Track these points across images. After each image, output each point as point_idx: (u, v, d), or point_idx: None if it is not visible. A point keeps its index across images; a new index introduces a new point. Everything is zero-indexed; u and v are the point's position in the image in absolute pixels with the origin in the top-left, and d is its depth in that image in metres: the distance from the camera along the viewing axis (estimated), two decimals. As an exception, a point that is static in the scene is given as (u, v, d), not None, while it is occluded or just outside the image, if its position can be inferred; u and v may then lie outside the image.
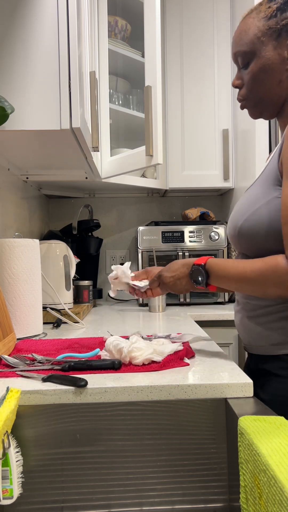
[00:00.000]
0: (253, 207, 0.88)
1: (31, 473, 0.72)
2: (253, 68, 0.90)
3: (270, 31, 0.87)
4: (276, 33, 0.87)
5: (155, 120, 1.43)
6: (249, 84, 0.92)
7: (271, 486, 0.47)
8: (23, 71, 1.13)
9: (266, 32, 0.88)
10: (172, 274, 0.96)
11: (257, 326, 0.93)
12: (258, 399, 0.75)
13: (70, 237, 2.08)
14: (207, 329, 1.75)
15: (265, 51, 0.88)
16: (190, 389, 0.73)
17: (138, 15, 1.96)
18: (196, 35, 2.14)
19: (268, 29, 0.88)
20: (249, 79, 0.92)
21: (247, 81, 0.92)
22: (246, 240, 0.89)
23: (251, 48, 0.90)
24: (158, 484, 0.73)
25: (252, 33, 0.89)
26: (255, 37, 0.89)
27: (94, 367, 0.82)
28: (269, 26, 0.88)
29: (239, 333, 1.01)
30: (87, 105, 1.38)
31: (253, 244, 0.88)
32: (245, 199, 0.92)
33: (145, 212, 2.46)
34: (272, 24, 0.87)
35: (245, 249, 0.91)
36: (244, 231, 0.88)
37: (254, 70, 0.90)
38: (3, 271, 1.16)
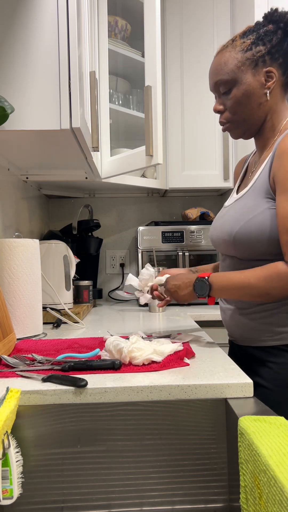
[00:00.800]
0: (247, 217, 0.99)
1: (31, 473, 0.72)
2: (236, 93, 1.01)
3: (248, 62, 1.00)
4: (254, 63, 1.00)
5: (155, 120, 1.43)
6: (232, 107, 1.03)
7: (271, 486, 0.47)
8: (23, 71, 1.13)
9: (245, 62, 1.00)
10: (176, 283, 1.07)
11: (250, 321, 1.04)
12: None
13: (70, 237, 2.08)
14: (207, 329, 1.75)
15: (246, 78, 1.00)
16: (190, 389, 0.73)
17: (138, 15, 1.96)
18: (196, 35, 2.14)
19: (246, 60, 1.00)
20: (233, 103, 1.02)
21: (231, 105, 1.03)
22: (242, 245, 1.00)
23: (232, 77, 1.01)
24: (158, 484, 0.73)
25: (232, 63, 1.01)
26: (235, 66, 1.01)
27: (94, 367, 0.82)
28: (246, 58, 1.00)
29: (227, 327, 1.13)
30: (87, 105, 1.38)
31: (249, 248, 0.99)
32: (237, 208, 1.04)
33: (145, 212, 2.46)
34: (249, 56, 1.00)
35: (239, 253, 1.02)
36: (240, 237, 0.99)
37: (237, 95, 1.01)
38: (3, 271, 1.16)
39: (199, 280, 1.01)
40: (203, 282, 1.01)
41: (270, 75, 1.00)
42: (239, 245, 1.00)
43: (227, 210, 1.09)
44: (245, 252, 1.00)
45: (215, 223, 1.13)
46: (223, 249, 1.07)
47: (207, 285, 1.00)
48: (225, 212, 1.10)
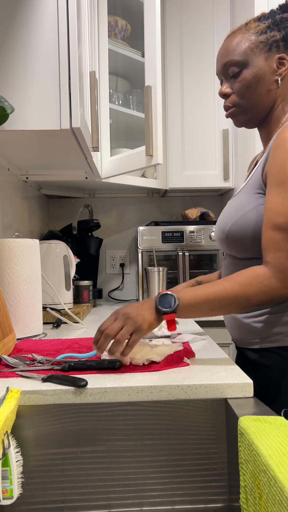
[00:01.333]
0: (240, 213, 0.96)
1: (31, 473, 0.72)
2: (246, 76, 0.97)
3: (262, 45, 0.97)
4: (267, 47, 0.97)
5: (155, 120, 1.43)
6: (241, 91, 0.99)
7: (271, 486, 0.47)
8: (23, 71, 1.13)
9: (258, 45, 0.97)
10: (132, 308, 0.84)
11: (244, 322, 1.00)
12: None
13: (70, 237, 2.08)
14: (207, 329, 1.75)
15: (257, 61, 0.97)
16: (190, 389, 0.73)
17: (138, 15, 1.96)
18: (196, 35, 2.14)
19: (260, 43, 0.97)
20: (241, 86, 0.98)
21: (239, 88, 0.99)
22: (234, 242, 0.97)
23: (244, 58, 0.97)
24: (158, 484, 0.73)
25: (245, 45, 0.97)
26: (248, 48, 0.97)
27: (94, 367, 0.82)
28: (260, 41, 0.97)
29: (228, 330, 1.09)
30: (87, 105, 1.38)
31: (241, 246, 0.96)
32: (232, 204, 1.00)
33: (145, 212, 2.46)
34: (263, 39, 0.97)
35: (233, 251, 0.99)
36: (232, 234, 0.96)
37: (247, 78, 0.97)
38: (3, 271, 1.16)
39: (163, 294, 0.84)
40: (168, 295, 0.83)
41: (283, 62, 0.97)
42: (232, 243, 0.97)
43: (226, 207, 1.06)
44: (239, 251, 0.97)
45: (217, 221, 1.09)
46: (221, 247, 1.05)
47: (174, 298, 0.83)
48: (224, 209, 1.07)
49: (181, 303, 0.83)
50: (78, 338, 1.16)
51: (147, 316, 0.83)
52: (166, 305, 0.83)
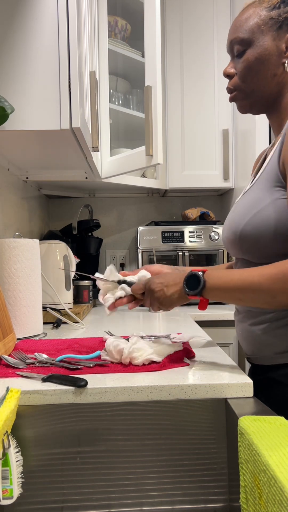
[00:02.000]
0: (254, 210, 0.84)
1: (31, 473, 0.72)
2: (249, 56, 0.87)
3: (272, 22, 0.86)
4: (277, 25, 0.85)
5: (155, 120, 1.43)
6: (242, 73, 0.89)
7: (271, 486, 0.47)
8: (23, 71, 1.13)
9: (268, 22, 0.86)
10: (162, 281, 0.86)
11: (261, 334, 0.88)
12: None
13: (70, 237, 2.08)
14: (207, 329, 1.75)
15: (264, 40, 0.86)
16: (190, 389, 0.73)
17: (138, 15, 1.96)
18: (196, 35, 2.14)
19: (270, 19, 0.86)
20: (243, 67, 0.88)
21: (241, 69, 0.89)
22: (249, 243, 0.84)
23: (249, 36, 0.87)
24: (158, 484, 0.73)
25: (253, 21, 0.87)
26: (255, 25, 0.86)
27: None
28: (271, 17, 0.86)
29: (241, 343, 0.97)
30: (87, 105, 1.38)
31: (257, 247, 0.84)
32: (244, 202, 0.89)
33: (145, 212, 2.46)
34: (274, 15, 0.85)
35: (247, 254, 0.87)
36: (246, 234, 0.84)
37: (250, 58, 0.87)
38: (3, 271, 1.16)
39: (191, 275, 0.82)
40: (196, 277, 0.81)
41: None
42: (246, 245, 0.85)
43: (235, 207, 0.94)
44: (254, 253, 0.85)
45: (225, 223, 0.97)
46: (231, 251, 0.92)
47: (201, 281, 0.80)
48: (234, 208, 0.95)
49: (208, 286, 0.80)
50: (78, 338, 1.16)
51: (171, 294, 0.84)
52: (192, 286, 0.81)
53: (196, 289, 0.81)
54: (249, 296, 0.76)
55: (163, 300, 0.86)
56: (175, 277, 0.86)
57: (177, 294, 0.84)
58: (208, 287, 0.80)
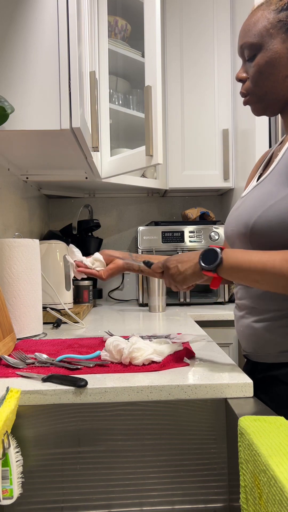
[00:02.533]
0: (268, 203, 0.83)
1: (31, 473, 0.72)
2: (259, 60, 0.87)
3: (280, 24, 0.85)
4: (286, 27, 0.85)
5: (155, 120, 1.43)
6: (254, 77, 0.89)
7: (271, 486, 0.47)
8: (23, 71, 1.13)
9: (276, 25, 0.86)
10: (177, 258, 0.87)
11: (265, 332, 0.88)
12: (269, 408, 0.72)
13: (70, 237, 2.08)
14: (207, 329, 1.75)
15: (273, 44, 0.86)
16: (190, 389, 0.73)
17: (138, 15, 1.96)
18: (196, 35, 2.14)
19: (278, 22, 0.86)
20: (254, 72, 0.89)
21: (253, 74, 0.89)
22: (261, 236, 0.83)
23: (258, 40, 0.87)
24: (158, 484, 0.73)
25: (261, 24, 0.87)
26: (264, 28, 0.87)
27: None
28: (279, 19, 0.85)
29: (241, 340, 0.96)
30: (87, 105, 1.38)
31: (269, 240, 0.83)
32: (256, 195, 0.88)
33: (145, 212, 2.46)
34: (282, 17, 0.85)
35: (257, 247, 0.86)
36: (259, 227, 0.83)
37: (260, 63, 0.87)
38: (3, 271, 1.16)
39: (209, 249, 0.81)
40: (213, 251, 0.80)
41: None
42: (257, 238, 0.84)
43: (243, 200, 0.93)
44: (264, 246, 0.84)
45: (229, 217, 0.97)
46: (239, 245, 0.91)
47: (219, 257, 0.79)
48: (241, 202, 0.94)
49: (224, 264, 0.79)
50: (78, 338, 1.16)
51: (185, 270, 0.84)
52: (208, 261, 0.80)
53: (212, 264, 0.79)
54: (268, 279, 0.75)
55: (176, 276, 0.86)
56: (190, 254, 0.86)
57: (191, 269, 0.84)
58: (224, 265, 0.79)
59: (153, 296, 1.82)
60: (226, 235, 0.97)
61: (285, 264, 0.73)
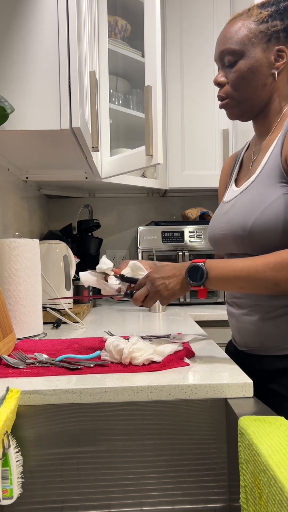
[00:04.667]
0: (263, 205, 0.87)
1: (31, 473, 0.72)
2: (241, 67, 0.92)
3: (261, 35, 0.91)
4: (266, 38, 0.91)
5: (155, 120, 1.43)
6: (235, 82, 0.94)
7: (271, 486, 0.47)
8: (23, 71, 1.13)
9: (257, 35, 0.91)
10: (162, 275, 0.88)
11: (274, 327, 0.91)
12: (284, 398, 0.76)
13: (70, 237, 2.08)
14: (207, 329, 1.75)
15: (254, 52, 0.92)
16: (190, 389, 0.73)
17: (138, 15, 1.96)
18: (196, 35, 2.14)
19: (260, 32, 0.91)
20: (236, 77, 0.93)
21: (234, 79, 0.94)
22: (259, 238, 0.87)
23: (241, 47, 0.92)
24: (158, 484, 0.73)
25: (243, 33, 0.92)
26: (246, 37, 0.92)
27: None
28: (260, 30, 0.91)
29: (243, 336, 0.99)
30: (87, 105, 1.38)
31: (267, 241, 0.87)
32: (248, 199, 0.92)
33: (145, 212, 2.46)
34: (263, 29, 0.91)
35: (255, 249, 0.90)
36: (257, 229, 0.87)
37: (242, 69, 0.92)
38: (3, 271, 1.16)
39: (192, 266, 0.85)
40: (198, 268, 0.84)
41: (281, 55, 0.92)
42: (256, 238, 0.88)
43: (231, 205, 0.97)
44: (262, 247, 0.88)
45: (216, 221, 1.01)
46: (233, 247, 0.95)
47: (205, 273, 0.84)
48: (229, 207, 0.98)
49: (210, 277, 0.84)
50: (78, 338, 1.16)
51: (173, 285, 0.87)
52: (195, 278, 0.85)
53: (200, 281, 0.84)
54: (253, 284, 0.81)
55: (163, 292, 0.88)
56: (173, 269, 0.89)
57: (179, 285, 0.87)
58: (210, 278, 0.84)
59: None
60: (214, 239, 1.01)
61: (266, 268, 0.80)
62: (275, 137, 0.94)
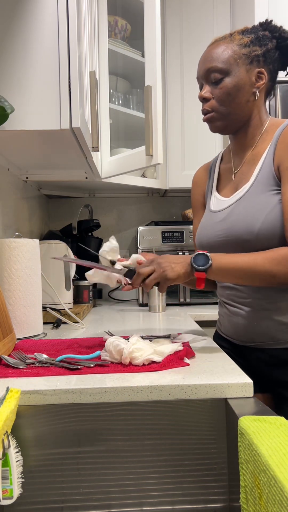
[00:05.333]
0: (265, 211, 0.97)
1: (31, 473, 0.72)
2: (228, 84, 1.02)
3: (244, 57, 1.02)
4: (249, 60, 1.02)
5: (155, 120, 1.43)
6: (221, 97, 1.03)
7: (271, 486, 0.47)
8: (23, 71, 1.13)
9: (241, 57, 1.02)
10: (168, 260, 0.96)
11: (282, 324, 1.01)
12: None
13: (70, 237, 2.08)
14: (207, 329, 1.75)
15: (239, 71, 1.02)
16: (190, 389, 0.73)
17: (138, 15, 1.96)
18: (196, 35, 2.14)
19: (243, 55, 1.02)
20: (222, 93, 1.02)
21: (220, 94, 1.03)
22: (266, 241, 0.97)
23: (227, 66, 1.02)
24: (158, 484, 0.73)
25: (228, 54, 1.02)
26: (231, 57, 1.02)
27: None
28: (243, 53, 1.02)
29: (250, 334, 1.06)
30: (87, 105, 1.38)
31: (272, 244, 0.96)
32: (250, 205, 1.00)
33: (145, 212, 2.46)
34: (246, 52, 1.02)
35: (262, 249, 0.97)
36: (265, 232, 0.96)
37: (228, 86, 1.02)
38: (3, 271, 1.16)
39: (199, 253, 0.94)
40: (204, 255, 0.93)
41: (261, 76, 1.03)
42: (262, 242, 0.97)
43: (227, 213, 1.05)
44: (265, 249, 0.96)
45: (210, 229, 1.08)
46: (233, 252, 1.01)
47: (210, 259, 0.92)
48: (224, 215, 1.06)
49: (214, 265, 0.92)
50: (78, 338, 1.16)
51: (178, 269, 0.94)
52: (200, 263, 0.93)
53: (205, 265, 0.92)
54: (252, 275, 0.92)
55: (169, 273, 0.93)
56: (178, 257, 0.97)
57: (183, 269, 0.94)
58: (214, 265, 0.93)
59: (153, 296, 1.82)
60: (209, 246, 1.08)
61: (265, 261, 0.91)
62: (263, 148, 1.04)
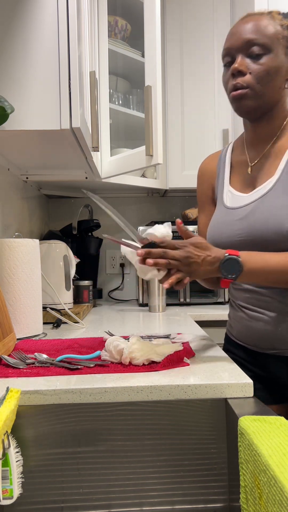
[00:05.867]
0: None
1: (31, 473, 0.72)
2: (269, 62, 0.92)
3: (285, 39, 0.93)
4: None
5: (155, 120, 1.43)
6: (260, 74, 0.92)
7: (271, 486, 0.47)
8: (23, 71, 1.13)
9: (284, 37, 0.93)
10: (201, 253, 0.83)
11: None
12: None
13: (70, 237, 2.08)
14: (207, 329, 1.75)
15: (280, 53, 0.93)
16: (190, 389, 0.73)
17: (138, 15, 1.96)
18: (196, 35, 2.14)
19: (284, 37, 0.93)
20: (263, 70, 0.91)
21: (260, 71, 0.91)
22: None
23: (271, 43, 0.91)
24: (158, 484, 0.73)
25: (272, 30, 0.92)
26: (275, 35, 0.92)
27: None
28: (284, 36, 0.93)
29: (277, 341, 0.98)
30: (87, 105, 1.38)
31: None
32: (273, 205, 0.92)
33: (145, 212, 2.46)
34: (286, 34, 0.93)
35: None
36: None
37: (269, 64, 0.92)
38: (3, 271, 1.16)
39: (230, 258, 0.83)
40: (235, 261, 0.83)
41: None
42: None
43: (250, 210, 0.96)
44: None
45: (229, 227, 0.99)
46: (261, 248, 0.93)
47: (240, 265, 0.83)
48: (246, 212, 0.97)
49: (245, 271, 0.84)
50: (78, 338, 1.16)
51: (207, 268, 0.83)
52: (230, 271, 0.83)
53: (235, 274, 0.84)
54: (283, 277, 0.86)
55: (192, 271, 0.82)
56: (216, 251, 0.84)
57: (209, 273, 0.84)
58: (245, 271, 0.84)
59: (153, 296, 1.82)
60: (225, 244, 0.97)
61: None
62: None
